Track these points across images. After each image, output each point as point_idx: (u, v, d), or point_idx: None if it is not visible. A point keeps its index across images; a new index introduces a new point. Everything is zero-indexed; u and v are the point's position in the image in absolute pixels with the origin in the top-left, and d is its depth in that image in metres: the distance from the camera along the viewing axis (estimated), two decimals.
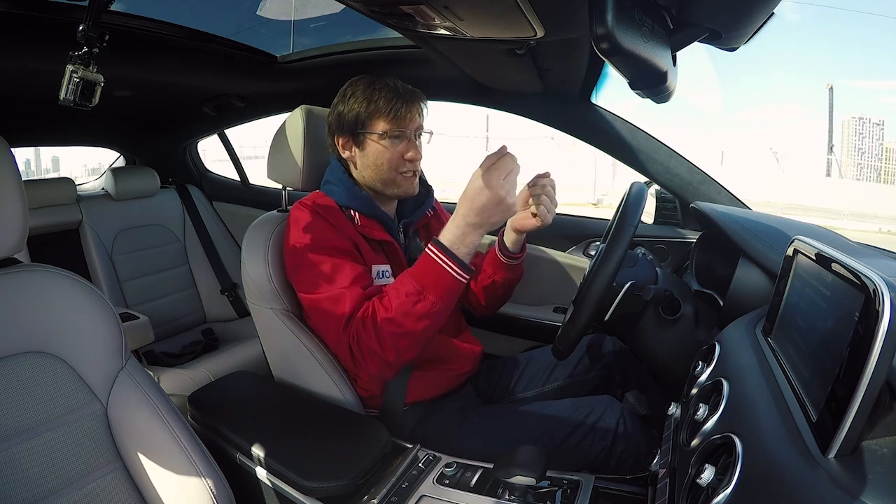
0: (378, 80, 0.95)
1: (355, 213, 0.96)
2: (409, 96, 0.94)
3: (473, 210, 0.79)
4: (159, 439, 0.72)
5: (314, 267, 0.89)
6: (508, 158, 0.79)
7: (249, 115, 1.93)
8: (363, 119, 0.94)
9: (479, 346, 1.09)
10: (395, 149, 0.95)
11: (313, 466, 0.77)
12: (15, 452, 0.63)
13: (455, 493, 0.74)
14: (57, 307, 0.70)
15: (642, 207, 0.91)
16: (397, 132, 0.94)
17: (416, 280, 0.81)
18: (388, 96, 0.93)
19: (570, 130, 1.37)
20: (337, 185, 0.98)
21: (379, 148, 0.95)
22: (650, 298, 0.88)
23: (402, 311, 0.80)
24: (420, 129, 0.98)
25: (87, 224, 1.82)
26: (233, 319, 2.06)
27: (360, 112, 0.94)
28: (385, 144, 0.94)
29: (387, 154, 0.95)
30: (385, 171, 0.96)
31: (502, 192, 0.77)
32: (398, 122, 0.93)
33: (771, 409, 0.49)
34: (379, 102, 0.93)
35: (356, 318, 0.84)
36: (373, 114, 0.94)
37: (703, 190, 1.28)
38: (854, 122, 67.08)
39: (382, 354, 0.82)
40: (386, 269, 0.97)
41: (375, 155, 0.95)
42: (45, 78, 1.15)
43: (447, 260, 0.81)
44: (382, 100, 0.93)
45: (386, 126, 0.93)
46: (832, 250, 0.51)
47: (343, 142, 0.98)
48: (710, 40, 0.64)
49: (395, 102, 0.93)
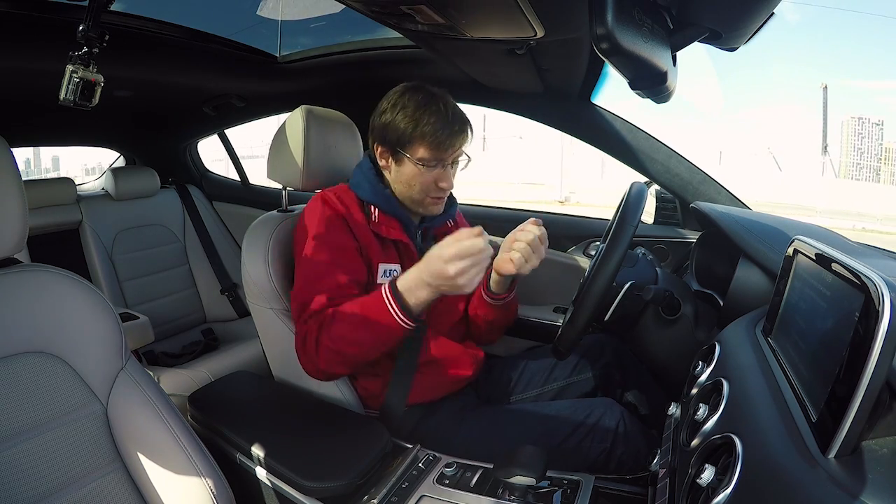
0: (432, 100, 0.92)
1: (374, 209, 0.96)
2: (458, 126, 0.92)
3: (428, 270, 0.78)
4: (159, 439, 0.72)
5: (308, 259, 0.90)
6: (471, 244, 0.74)
7: (249, 115, 1.93)
8: (406, 140, 0.92)
9: (481, 352, 1.09)
10: (429, 174, 0.94)
11: (313, 466, 0.77)
12: (15, 452, 0.63)
13: (455, 493, 0.74)
14: (57, 307, 0.70)
15: (642, 207, 0.91)
16: (435, 161, 0.93)
17: (362, 309, 0.83)
18: (437, 124, 0.90)
19: (570, 130, 1.37)
20: (363, 181, 0.98)
21: (414, 171, 0.94)
22: (650, 298, 0.88)
23: (341, 331, 0.82)
24: (459, 157, 0.96)
25: (87, 224, 1.82)
26: (233, 319, 2.06)
27: (406, 132, 0.91)
28: (420, 170, 0.93)
29: (420, 178, 0.94)
30: (416, 193, 0.96)
31: (451, 271, 0.74)
32: (440, 152, 0.92)
33: (771, 409, 0.49)
34: (426, 129, 0.90)
35: (313, 319, 0.85)
36: (417, 138, 0.91)
37: (703, 190, 1.28)
38: (853, 122, 67.02)
39: (316, 358, 0.84)
40: (395, 269, 0.96)
41: (409, 176, 0.94)
42: (45, 78, 1.15)
43: (394, 304, 0.81)
44: (430, 126, 0.90)
45: (426, 153, 0.92)
46: (832, 250, 0.51)
47: (381, 151, 0.97)
48: (710, 40, 0.64)
49: (442, 133, 0.90)
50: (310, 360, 0.86)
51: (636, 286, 0.90)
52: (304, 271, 0.91)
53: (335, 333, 0.82)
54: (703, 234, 1.18)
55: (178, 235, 2.04)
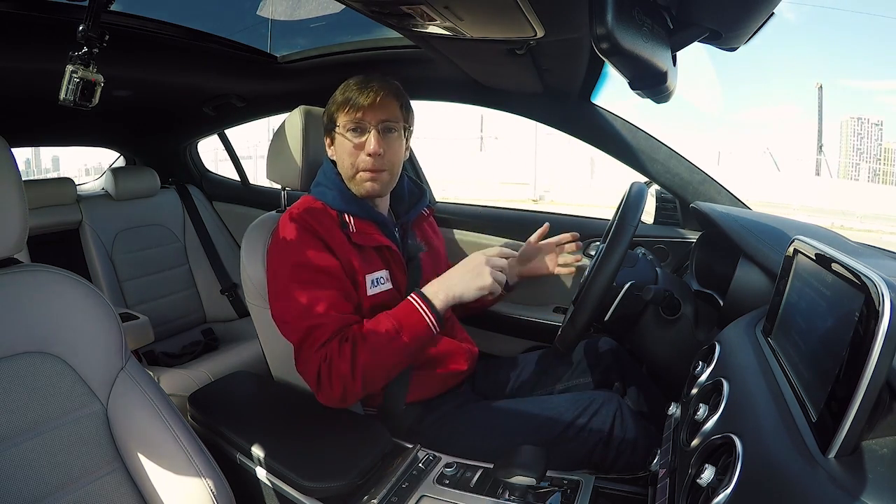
0: (363, 76, 0.93)
1: (350, 218, 0.94)
2: (376, 87, 0.90)
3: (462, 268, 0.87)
4: (159, 439, 0.72)
5: (294, 289, 0.86)
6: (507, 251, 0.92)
7: (249, 115, 1.93)
8: (332, 113, 0.94)
9: (475, 347, 1.10)
10: (354, 142, 0.92)
11: (313, 466, 0.77)
12: (15, 452, 0.63)
13: (455, 493, 0.74)
14: (57, 307, 0.70)
15: (642, 207, 0.91)
16: (354, 124, 0.91)
17: (395, 320, 0.85)
18: (354, 88, 0.91)
19: (570, 130, 1.37)
20: (330, 188, 0.95)
21: (342, 142, 0.93)
22: (650, 298, 0.88)
23: (379, 345, 0.82)
24: (386, 123, 0.92)
25: (87, 224, 1.82)
26: (233, 319, 2.06)
27: (332, 107, 0.94)
28: (346, 137, 0.92)
29: (345, 146, 0.92)
30: (347, 168, 0.94)
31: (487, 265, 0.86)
32: (355, 111, 0.90)
33: (771, 409, 0.49)
34: (346, 94, 0.91)
35: (332, 343, 0.83)
36: (340, 107, 0.92)
37: (703, 190, 1.27)
38: (852, 122, 67.00)
39: (352, 381, 0.82)
40: (381, 276, 0.95)
41: (339, 151, 0.94)
42: (45, 78, 1.15)
43: (426, 308, 0.85)
44: (349, 91, 0.91)
45: (345, 119, 0.92)
46: (832, 250, 0.51)
47: (328, 142, 0.98)
48: (710, 40, 0.64)
49: (357, 94, 0.90)
50: (340, 384, 0.82)
51: (636, 286, 0.90)
52: (295, 304, 0.86)
53: (372, 350, 0.82)
54: (703, 234, 1.18)
55: (178, 235, 2.04)
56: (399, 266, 0.98)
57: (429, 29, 0.83)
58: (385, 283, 0.95)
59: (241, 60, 1.46)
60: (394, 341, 0.83)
